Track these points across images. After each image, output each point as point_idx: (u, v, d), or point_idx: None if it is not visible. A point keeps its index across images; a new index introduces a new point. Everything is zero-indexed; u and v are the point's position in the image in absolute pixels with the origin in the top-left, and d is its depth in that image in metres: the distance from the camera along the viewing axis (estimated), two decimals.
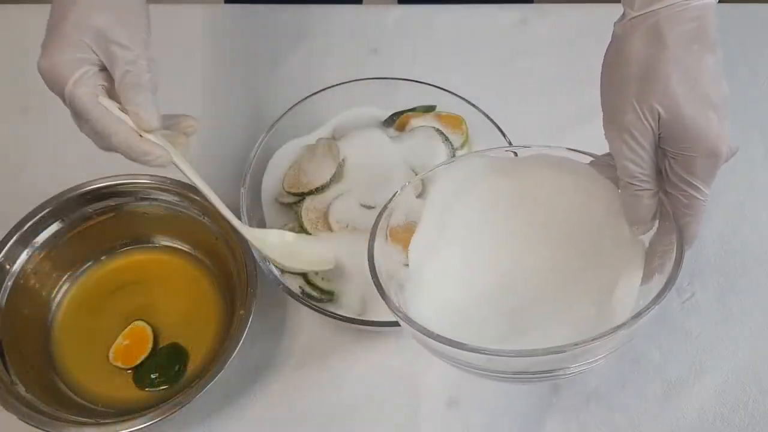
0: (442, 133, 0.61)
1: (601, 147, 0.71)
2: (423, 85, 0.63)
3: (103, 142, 0.47)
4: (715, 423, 0.57)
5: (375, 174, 0.60)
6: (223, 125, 0.72)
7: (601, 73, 0.44)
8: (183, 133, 0.52)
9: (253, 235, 0.55)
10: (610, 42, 0.44)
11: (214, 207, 0.53)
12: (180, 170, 0.50)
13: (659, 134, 0.40)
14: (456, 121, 0.63)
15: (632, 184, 0.41)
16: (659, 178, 0.42)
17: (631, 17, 0.41)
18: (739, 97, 0.75)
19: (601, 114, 0.75)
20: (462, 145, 0.63)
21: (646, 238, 0.44)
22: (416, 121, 0.63)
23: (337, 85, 0.63)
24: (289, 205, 0.60)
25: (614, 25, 0.44)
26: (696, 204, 0.41)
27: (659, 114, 0.39)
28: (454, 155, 0.61)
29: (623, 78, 0.41)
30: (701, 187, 0.40)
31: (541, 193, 0.47)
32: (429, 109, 0.65)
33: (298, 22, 0.80)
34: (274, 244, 0.56)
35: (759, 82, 0.76)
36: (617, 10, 0.86)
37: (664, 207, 0.42)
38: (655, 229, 0.44)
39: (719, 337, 0.61)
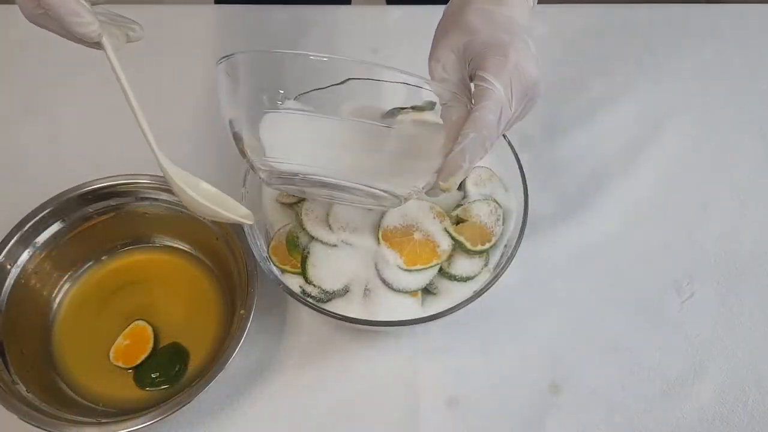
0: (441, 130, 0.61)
1: (601, 146, 0.72)
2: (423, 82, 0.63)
3: (33, 2, 0.46)
4: (715, 423, 0.57)
5: None
6: (223, 125, 0.72)
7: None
8: (125, 34, 0.51)
9: (174, 171, 0.51)
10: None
11: (137, 122, 0.50)
12: (108, 59, 0.47)
13: (467, 63, 0.47)
14: None
15: (443, 103, 0.47)
16: (465, 99, 0.47)
17: None
18: (739, 97, 0.75)
19: (601, 111, 0.76)
20: None
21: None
22: (416, 118, 0.63)
23: (337, 84, 0.63)
24: (289, 205, 0.60)
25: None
26: (486, 92, 0.45)
27: (463, 46, 0.47)
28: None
29: (439, 31, 0.51)
30: (490, 78, 0.45)
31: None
32: (429, 105, 0.64)
33: (298, 22, 0.80)
34: (195, 187, 0.52)
35: (759, 82, 0.77)
36: (617, 10, 0.86)
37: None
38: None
39: (719, 337, 0.61)
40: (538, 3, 0.54)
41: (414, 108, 0.64)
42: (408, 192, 0.50)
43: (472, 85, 0.48)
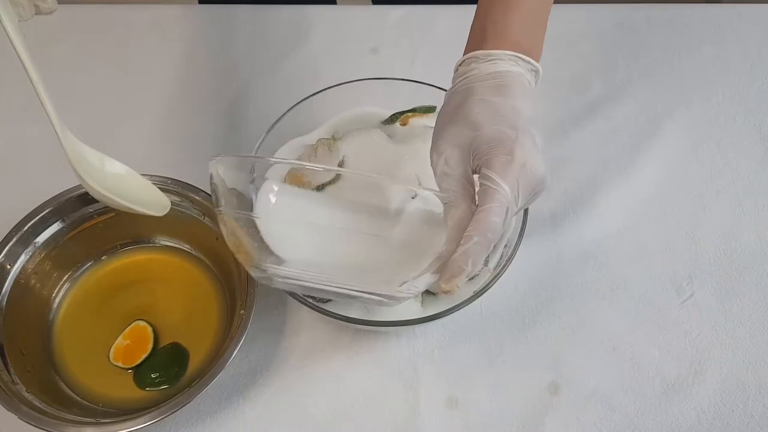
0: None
1: (600, 144, 0.72)
2: (423, 85, 0.63)
3: None
4: (715, 423, 0.57)
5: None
6: (224, 125, 0.72)
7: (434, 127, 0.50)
8: (34, 5, 0.48)
9: (73, 146, 0.48)
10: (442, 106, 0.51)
11: (36, 90, 0.46)
12: (3, 28, 0.43)
13: (471, 158, 0.46)
14: None
15: (447, 200, 0.46)
16: (469, 198, 0.46)
17: (453, 84, 0.51)
18: (739, 97, 0.75)
19: (601, 111, 0.76)
20: None
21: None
22: (416, 121, 0.63)
23: (337, 85, 0.63)
24: None
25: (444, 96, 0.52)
26: (492, 194, 0.44)
27: (467, 141, 0.46)
28: None
29: (441, 121, 0.50)
30: (496, 179, 0.44)
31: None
32: (429, 109, 0.65)
33: (298, 22, 0.80)
34: (94, 166, 0.48)
35: (759, 82, 0.77)
36: (617, 10, 0.86)
37: None
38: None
39: (719, 337, 0.61)
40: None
41: (415, 110, 0.65)
42: (407, 295, 0.49)
43: (475, 177, 0.47)
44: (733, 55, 0.79)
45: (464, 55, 0.51)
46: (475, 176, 0.47)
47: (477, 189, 0.46)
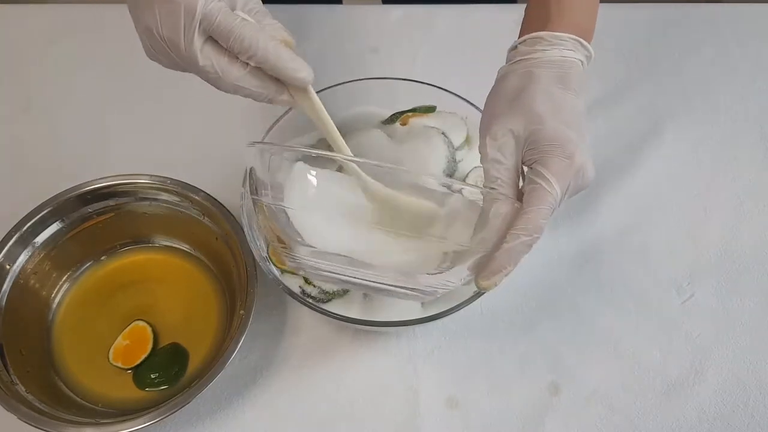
0: (442, 133, 0.61)
1: (600, 144, 0.72)
2: (423, 85, 0.63)
3: (237, 65, 0.45)
4: (715, 423, 0.57)
5: None
6: (224, 125, 0.72)
7: (484, 105, 0.49)
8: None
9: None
10: (494, 83, 0.50)
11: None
12: (312, 101, 0.48)
13: (525, 149, 0.45)
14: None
15: (493, 188, 0.45)
16: (516, 193, 0.45)
17: (511, 62, 0.49)
18: (740, 96, 0.75)
19: (601, 111, 0.76)
20: (462, 145, 0.63)
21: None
22: (416, 121, 0.63)
23: (337, 85, 0.63)
24: None
25: (498, 71, 0.50)
26: (544, 195, 0.43)
27: (525, 131, 0.45)
28: (454, 156, 0.61)
29: (497, 103, 0.48)
30: (552, 181, 0.43)
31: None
32: (429, 109, 0.65)
33: (298, 22, 0.80)
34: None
35: (759, 82, 0.76)
36: (617, 10, 0.86)
37: None
38: None
39: (719, 337, 0.61)
40: None
41: (415, 110, 0.65)
42: (442, 289, 0.48)
43: (524, 168, 0.46)
44: (734, 55, 0.79)
45: (525, 34, 0.49)
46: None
47: (522, 184, 0.45)
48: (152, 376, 0.57)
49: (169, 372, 0.57)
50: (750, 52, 0.79)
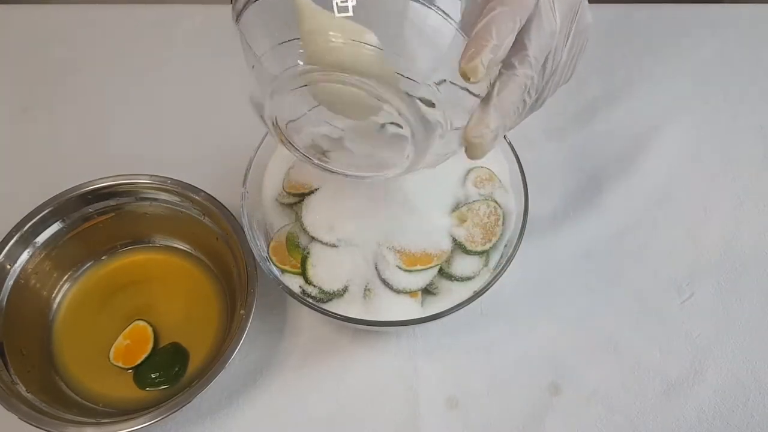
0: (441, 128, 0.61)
1: (601, 144, 0.72)
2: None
3: None
4: (715, 423, 0.57)
5: None
6: (224, 125, 0.72)
7: None
8: None
9: None
10: None
11: None
12: None
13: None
14: None
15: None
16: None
17: None
18: (740, 97, 0.75)
19: (601, 111, 0.76)
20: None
21: None
22: None
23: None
24: (289, 206, 0.60)
25: None
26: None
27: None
28: None
29: None
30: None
31: None
32: (428, 103, 0.64)
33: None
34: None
35: (759, 82, 0.77)
36: (617, 10, 0.86)
37: None
38: None
39: (719, 337, 0.61)
40: None
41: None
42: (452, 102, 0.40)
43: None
44: (734, 55, 0.79)
45: None
46: None
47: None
48: (153, 375, 0.57)
49: (170, 371, 0.57)
50: (750, 52, 0.79)
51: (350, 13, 0.39)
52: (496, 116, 0.39)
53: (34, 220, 0.58)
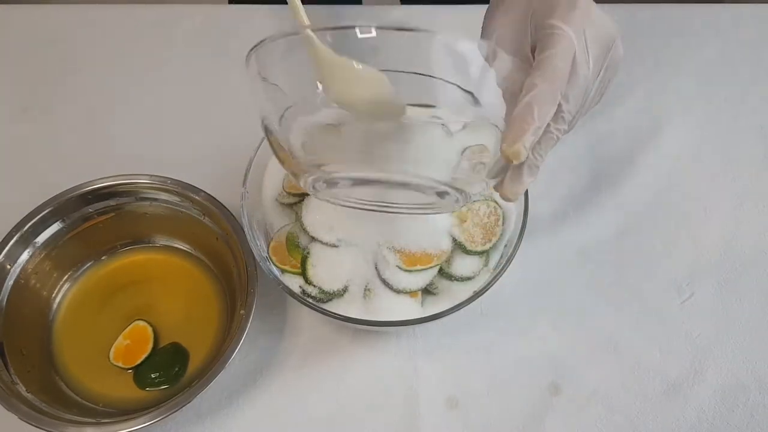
0: (443, 126, 0.61)
1: (601, 146, 0.72)
2: (423, 77, 0.63)
3: None
4: (715, 423, 0.57)
5: None
6: (224, 125, 0.72)
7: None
8: None
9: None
10: None
11: None
12: None
13: (532, 26, 0.41)
14: None
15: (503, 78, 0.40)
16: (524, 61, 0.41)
17: None
18: (740, 97, 0.75)
19: (600, 112, 0.76)
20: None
21: None
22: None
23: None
24: (289, 206, 0.60)
25: None
26: (552, 39, 0.39)
27: (523, 11, 0.41)
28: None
29: (492, 6, 0.45)
30: (558, 24, 0.39)
31: None
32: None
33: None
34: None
35: (760, 82, 0.76)
36: (617, 10, 0.86)
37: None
38: None
39: (719, 337, 0.61)
40: None
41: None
42: (469, 179, 0.42)
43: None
44: (735, 55, 0.79)
45: None
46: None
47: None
48: (153, 375, 0.57)
49: (170, 371, 0.57)
50: (750, 52, 0.79)
51: (373, 34, 0.41)
52: (529, 173, 0.40)
53: (34, 220, 0.58)
